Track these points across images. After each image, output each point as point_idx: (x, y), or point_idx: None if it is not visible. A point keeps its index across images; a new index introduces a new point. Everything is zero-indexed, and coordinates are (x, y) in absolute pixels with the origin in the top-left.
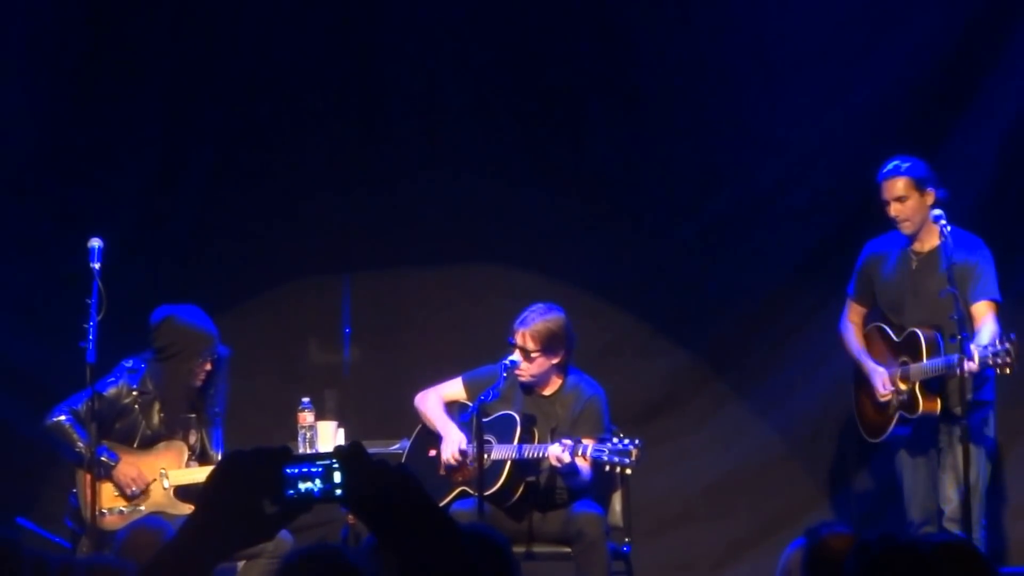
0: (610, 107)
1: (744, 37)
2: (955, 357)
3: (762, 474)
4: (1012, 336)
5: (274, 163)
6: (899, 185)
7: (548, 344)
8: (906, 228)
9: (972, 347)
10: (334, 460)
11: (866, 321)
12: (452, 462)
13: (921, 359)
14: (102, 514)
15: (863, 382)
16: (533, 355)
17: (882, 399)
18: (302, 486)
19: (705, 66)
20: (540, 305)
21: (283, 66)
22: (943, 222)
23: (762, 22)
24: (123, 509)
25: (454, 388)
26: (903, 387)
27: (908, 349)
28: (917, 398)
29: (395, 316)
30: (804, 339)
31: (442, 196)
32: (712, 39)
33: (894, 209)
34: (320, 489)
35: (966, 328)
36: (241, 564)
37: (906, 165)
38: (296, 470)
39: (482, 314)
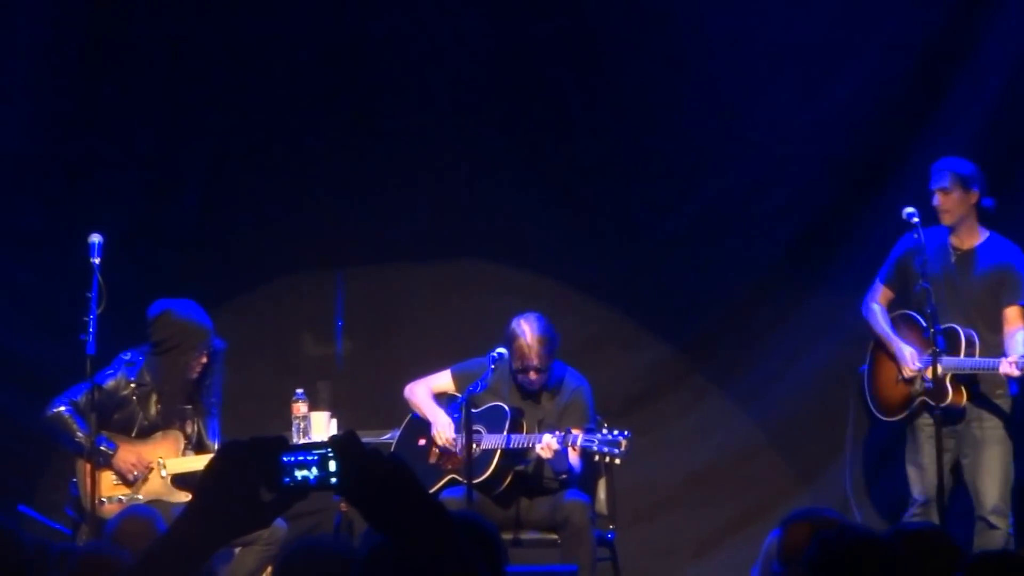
0: (593, 106)
1: (722, 35)
2: (997, 361)
3: (742, 463)
4: None
5: (269, 160)
6: (945, 176)
7: (551, 350)
8: (945, 219)
9: (1014, 355)
10: (329, 449)
11: (891, 307)
12: (446, 444)
13: (958, 354)
14: (101, 502)
15: (882, 361)
16: (547, 365)
17: (909, 375)
18: (298, 474)
19: (685, 65)
20: (522, 320)
21: (278, 65)
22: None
23: (740, 20)
24: (122, 497)
25: (443, 380)
26: (930, 376)
27: (943, 342)
28: (947, 389)
29: (386, 310)
30: (783, 332)
31: (432, 194)
32: (691, 38)
33: (938, 198)
34: (316, 477)
35: (939, 322)
36: (237, 550)
37: (956, 161)
38: (292, 459)
39: (470, 308)
